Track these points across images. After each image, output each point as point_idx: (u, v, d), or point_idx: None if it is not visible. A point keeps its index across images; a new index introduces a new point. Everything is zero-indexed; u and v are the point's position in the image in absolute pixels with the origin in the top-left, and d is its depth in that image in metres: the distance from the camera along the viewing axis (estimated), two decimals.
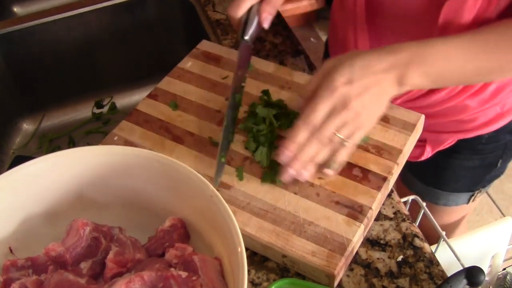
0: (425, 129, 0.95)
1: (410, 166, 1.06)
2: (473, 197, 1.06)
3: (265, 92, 0.80)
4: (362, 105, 0.64)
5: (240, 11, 0.76)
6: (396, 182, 1.13)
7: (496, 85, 0.84)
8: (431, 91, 0.85)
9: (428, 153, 0.98)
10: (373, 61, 0.65)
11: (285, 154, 0.65)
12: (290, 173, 0.66)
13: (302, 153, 0.65)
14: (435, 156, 0.98)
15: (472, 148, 0.96)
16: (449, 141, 0.95)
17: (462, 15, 0.71)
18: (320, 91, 0.65)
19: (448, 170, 1.01)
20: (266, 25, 0.77)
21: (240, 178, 0.71)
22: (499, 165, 1.00)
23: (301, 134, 0.65)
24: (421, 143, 0.98)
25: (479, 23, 0.73)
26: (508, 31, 0.67)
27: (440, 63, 0.66)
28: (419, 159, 0.99)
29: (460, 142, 0.95)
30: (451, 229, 1.17)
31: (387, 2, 0.81)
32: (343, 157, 0.67)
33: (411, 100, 0.88)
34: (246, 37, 0.77)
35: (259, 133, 0.75)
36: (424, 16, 0.77)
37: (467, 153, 0.97)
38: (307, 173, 0.66)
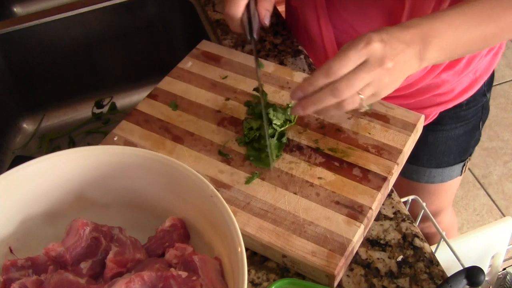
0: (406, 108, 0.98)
1: None
2: (465, 167, 1.09)
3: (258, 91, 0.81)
4: (393, 68, 0.64)
5: (239, 10, 0.75)
6: None
7: (469, 55, 0.88)
8: None
9: None
10: (396, 33, 0.65)
11: (296, 93, 0.66)
12: (297, 110, 0.66)
13: (313, 98, 0.65)
14: (422, 135, 1.00)
15: (455, 117, 1.00)
16: (432, 115, 0.98)
17: None
18: (352, 43, 0.64)
19: (439, 145, 1.04)
20: (267, 22, 0.77)
21: (248, 183, 0.71)
22: (480, 127, 1.05)
23: (320, 80, 0.64)
24: None
25: None
26: None
27: (450, 34, 0.67)
28: None
29: (443, 114, 0.99)
30: (446, 205, 1.20)
31: None
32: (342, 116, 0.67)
33: None
34: (255, 35, 0.76)
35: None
36: None
37: (452, 122, 1.00)
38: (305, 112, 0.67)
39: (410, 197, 0.83)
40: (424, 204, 0.81)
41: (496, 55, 0.97)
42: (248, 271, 0.66)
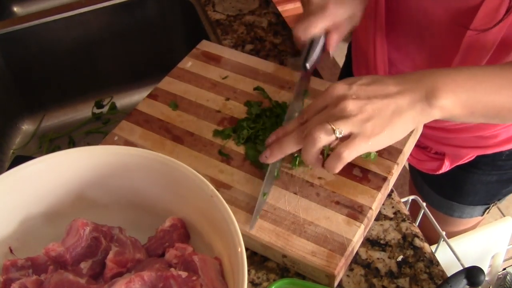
0: (444, 143, 0.93)
1: (427, 179, 1.06)
2: (488, 210, 1.05)
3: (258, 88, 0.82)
4: (361, 108, 0.59)
5: (309, 35, 0.72)
6: (412, 193, 1.12)
7: None
8: None
9: (446, 167, 0.96)
10: (389, 80, 0.61)
11: (270, 138, 0.67)
12: (265, 154, 0.66)
13: (282, 140, 0.64)
14: (453, 170, 0.97)
15: (492, 164, 0.94)
16: (468, 156, 0.93)
17: (489, 33, 0.69)
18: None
19: (466, 184, 1.00)
20: (332, 53, 0.75)
21: (294, 165, 0.71)
22: None
23: (291, 124, 0.65)
24: (439, 157, 0.97)
25: (505, 46, 0.70)
26: None
27: (469, 86, 0.60)
28: (437, 173, 0.98)
29: (480, 158, 0.93)
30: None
31: (409, 10, 0.79)
32: (339, 163, 0.60)
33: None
34: (307, 65, 0.74)
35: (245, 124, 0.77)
36: (447, 29, 0.75)
37: (486, 169, 0.95)
38: (271, 159, 0.66)
39: (410, 197, 0.83)
40: (424, 204, 0.81)
41: None
42: (248, 271, 0.66)
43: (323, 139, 0.59)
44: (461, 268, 0.63)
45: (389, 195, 0.74)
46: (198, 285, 0.54)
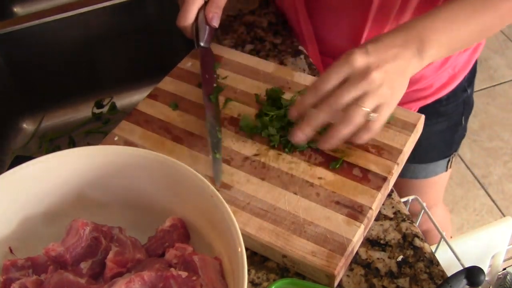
0: None
1: None
2: (450, 163, 1.09)
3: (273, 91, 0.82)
4: (384, 77, 0.63)
5: (188, 20, 0.79)
6: None
7: None
8: None
9: None
10: (386, 40, 0.66)
11: (291, 112, 0.69)
12: (296, 133, 0.67)
13: (309, 116, 0.66)
14: None
15: (435, 112, 1.01)
16: (412, 110, 0.97)
17: None
18: (336, 61, 0.65)
19: (421, 141, 1.03)
20: (215, 23, 0.81)
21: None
22: (463, 122, 1.06)
23: (308, 98, 0.66)
24: None
25: None
26: None
27: (447, 29, 0.68)
28: None
29: (423, 110, 0.99)
30: (434, 201, 1.20)
31: None
32: (369, 135, 0.66)
33: None
34: (201, 43, 0.83)
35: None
36: None
37: (432, 118, 1.00)
38: (303, 136, 0.67)
39: (410, 197, 0.83)
40: (424, 204, 0.81)
41: (475, 51, 0.97)
42: (248, 271, 0.66)
43: (359, 121, 0.64)
44: (461, 268, 0.63)
45: (389, 195, 0.74)
46: (198, 285, 0.54)
